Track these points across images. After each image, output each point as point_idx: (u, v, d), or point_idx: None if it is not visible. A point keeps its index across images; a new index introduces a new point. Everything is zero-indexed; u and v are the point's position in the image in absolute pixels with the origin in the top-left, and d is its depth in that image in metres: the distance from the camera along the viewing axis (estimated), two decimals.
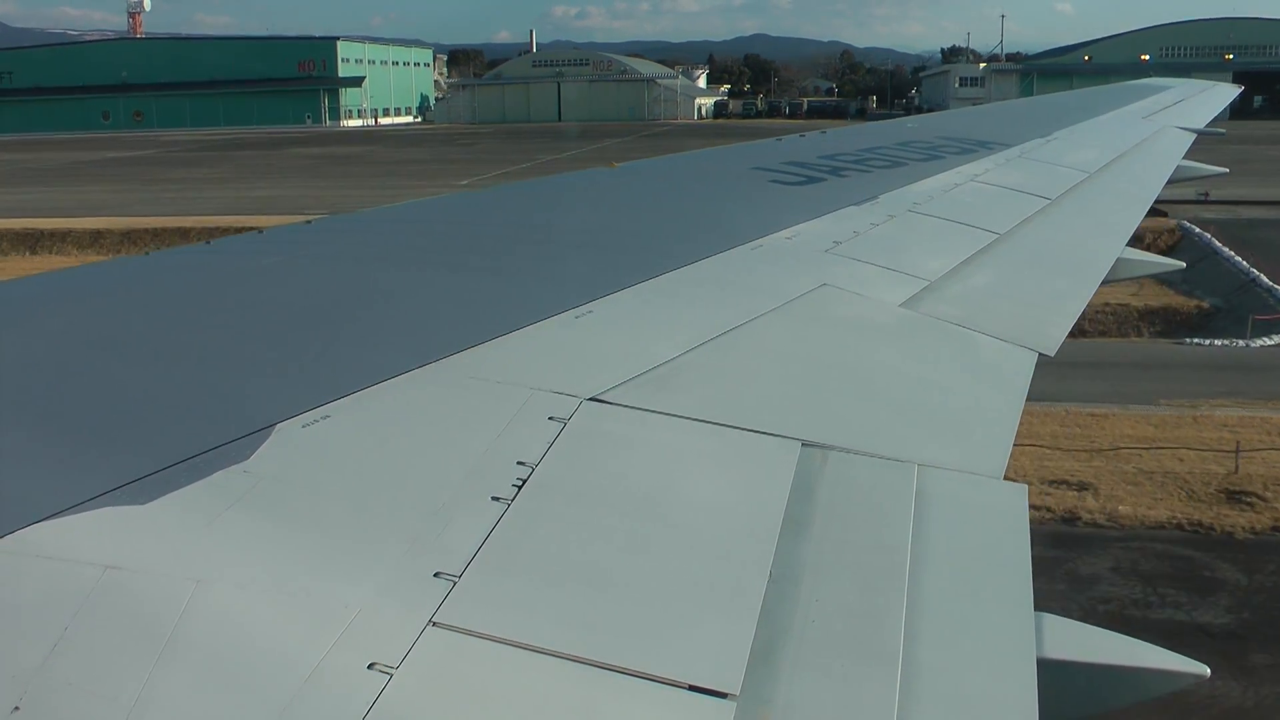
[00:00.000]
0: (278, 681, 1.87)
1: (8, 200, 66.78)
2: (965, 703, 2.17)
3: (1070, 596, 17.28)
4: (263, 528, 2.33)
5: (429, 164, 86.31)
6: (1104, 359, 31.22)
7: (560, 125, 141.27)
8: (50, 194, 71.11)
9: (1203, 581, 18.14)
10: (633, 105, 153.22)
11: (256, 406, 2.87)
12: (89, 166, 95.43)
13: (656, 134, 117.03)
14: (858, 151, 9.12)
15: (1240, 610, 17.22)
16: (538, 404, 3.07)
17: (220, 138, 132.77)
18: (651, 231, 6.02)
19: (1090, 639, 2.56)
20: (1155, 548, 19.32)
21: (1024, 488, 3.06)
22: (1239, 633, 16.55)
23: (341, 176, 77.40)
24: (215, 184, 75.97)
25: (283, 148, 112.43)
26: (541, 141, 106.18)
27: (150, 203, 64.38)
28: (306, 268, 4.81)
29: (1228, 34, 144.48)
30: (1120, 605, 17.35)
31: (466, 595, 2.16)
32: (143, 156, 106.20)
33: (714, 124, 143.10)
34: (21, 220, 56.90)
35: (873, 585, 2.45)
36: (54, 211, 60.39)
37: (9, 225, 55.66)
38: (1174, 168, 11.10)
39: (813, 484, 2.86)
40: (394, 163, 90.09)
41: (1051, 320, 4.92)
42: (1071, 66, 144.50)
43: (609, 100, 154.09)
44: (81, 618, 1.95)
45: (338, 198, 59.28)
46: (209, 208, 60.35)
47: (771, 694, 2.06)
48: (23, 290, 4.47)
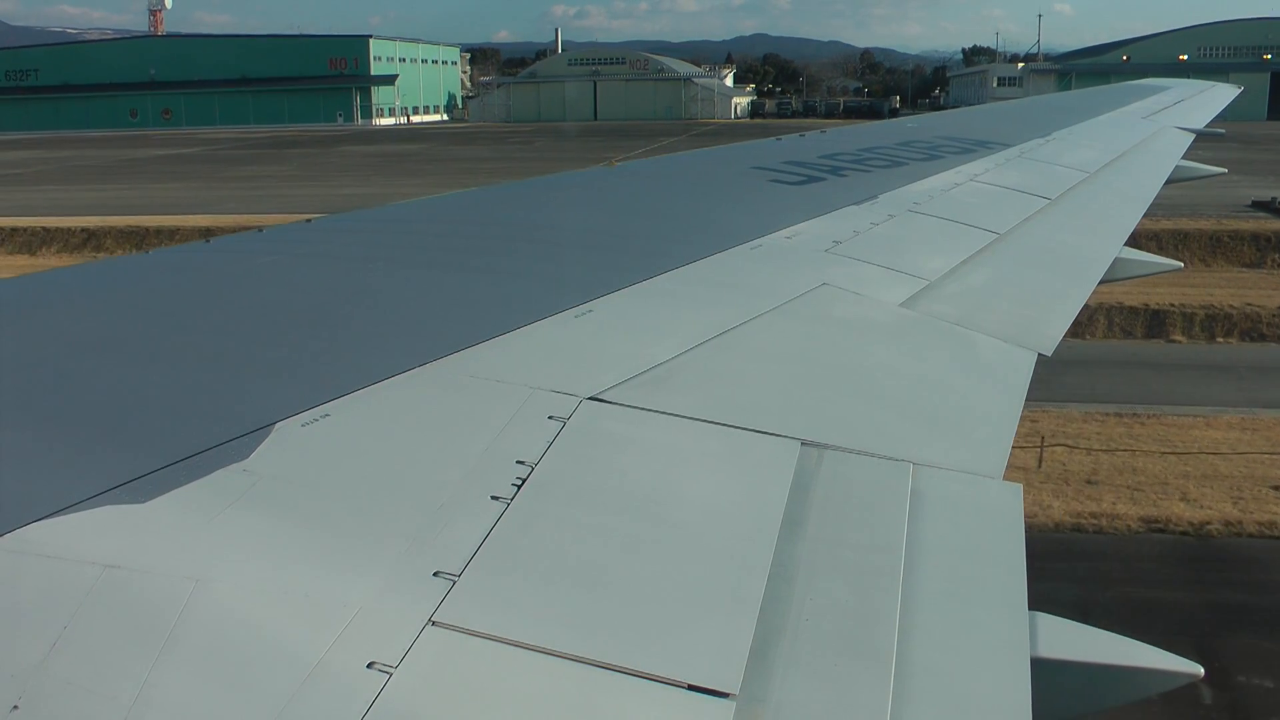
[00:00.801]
0: (277, 680, 1.87)
1: (86, 197, 65.00)
2: (959, 701, 2.16)
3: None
4: (262, 526, 2.32)
5: (498, 162, 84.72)
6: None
7: (602, 124, 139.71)
8: (121, 191, 69.15)
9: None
10: (670, 104, 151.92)
11: (256, 405, 2.87)
12: (145, 164, 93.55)
13: (705, 133, 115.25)
14: (857, 151, 9.09)
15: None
16: (537, 403, 3.07)
17: (262, 136, 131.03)
18: (651, 231, 6.00)
19: (1084, 638, 2.54)
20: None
21: (1018, 487, 3.05)
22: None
23: (416, 175, 75.61)
24: (295, 182, 74.16)
25: (332, 145, 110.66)
26: (601, 140, 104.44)
27: (241, 200, 62.65)
28: (306, 266, 4.79)
29: (1266, 34, 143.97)
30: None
31: (466, 594, 2.16)
32: (193, 154, 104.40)
33: (755, 123, 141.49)
34: (124, 218, 55.19)
35: (868, 584, 2.45)
36: (130, 209, 58.74)
37: (110, 222, 53.84)
38: (1173, 168, 11.05)
39: (812, 484, 2.86)
40: (463, 160, 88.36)
41: (1048, 320, 4.92)
42: (1110, 66, 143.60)
43: (645, 99, 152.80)
44: (81, 616, 1.96)
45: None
46: (308, 206, 58.93)
47: (765, 693, 2.05)
48: (23, 289, 4.46)
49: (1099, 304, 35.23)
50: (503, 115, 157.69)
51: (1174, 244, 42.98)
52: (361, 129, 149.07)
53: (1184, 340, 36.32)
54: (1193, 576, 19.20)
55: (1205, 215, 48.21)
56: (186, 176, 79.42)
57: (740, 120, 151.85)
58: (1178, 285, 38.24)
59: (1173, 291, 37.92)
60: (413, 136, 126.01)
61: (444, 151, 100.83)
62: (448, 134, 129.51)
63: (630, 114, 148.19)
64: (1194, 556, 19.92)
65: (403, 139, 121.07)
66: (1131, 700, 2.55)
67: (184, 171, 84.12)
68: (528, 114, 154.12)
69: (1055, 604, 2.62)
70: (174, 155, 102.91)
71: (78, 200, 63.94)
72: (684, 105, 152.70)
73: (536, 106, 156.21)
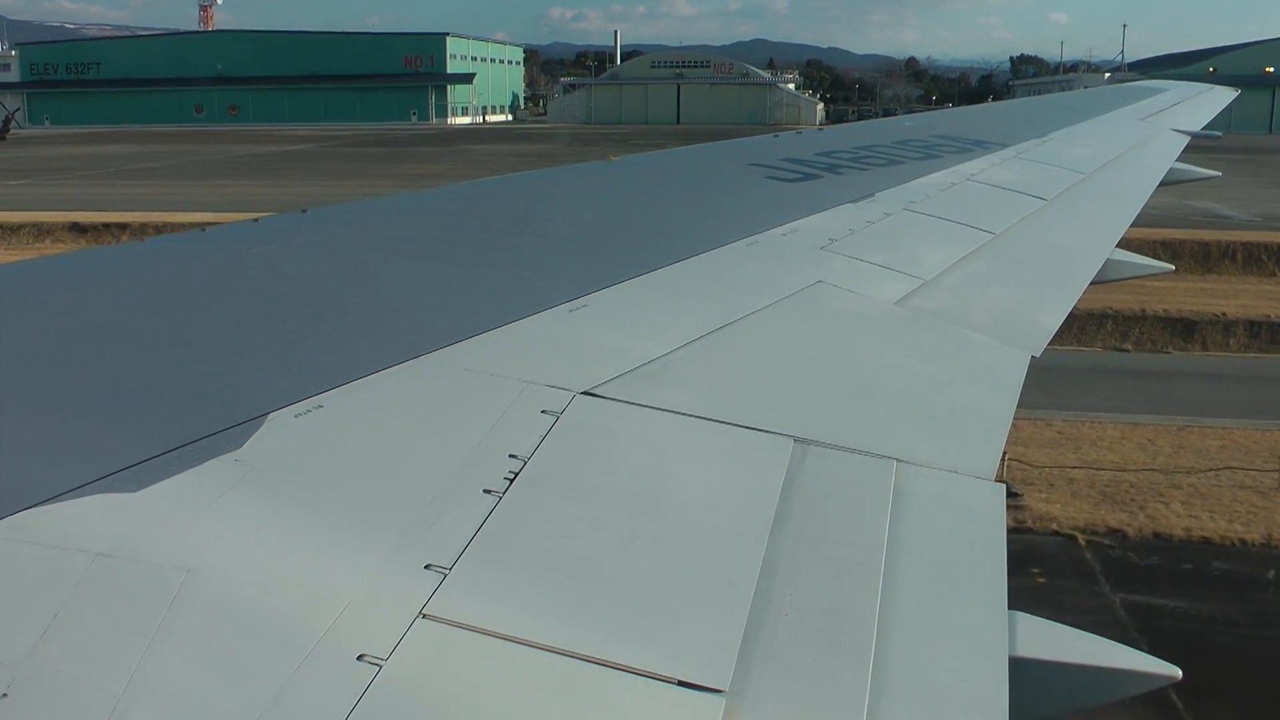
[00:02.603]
0: (268, 671, 1.86)
1: (280, 193, 62.15)
2: (936, 700, 2.16)
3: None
4: (254, 517, 2.32)
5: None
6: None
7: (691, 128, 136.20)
8: (304, 189, 66.31)
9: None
10: (754, 109, 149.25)
11: (249, 395, 2.86)
12: (272, 160, 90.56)
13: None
14: (855, 149, 9.06)
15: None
16: (531, 397, 3.06)
17: (357, 134, 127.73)
18: (647, 226, 5.99)
19: (1063, 639, 2.55)
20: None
21: (1001, 486, 3.04)
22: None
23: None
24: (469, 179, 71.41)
25: (451, 144, 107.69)
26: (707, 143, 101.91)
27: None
28: (301, 258, 4.73)
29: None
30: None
31: (457, 587, 2.16)
32: (307, 151, 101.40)
33: (842, 127, 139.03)
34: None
35: (850, 581, 2.45)
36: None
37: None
38: (1166, 170, 11.07)
39: (805, 481, 2.86)
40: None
41: (1037, 321, 4.91)
42: (1195, 77, 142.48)
43: (729, 103, 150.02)
44: (72, 605, 1.95)
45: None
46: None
47: (743, 688, 2.04)
48: (14, 276, 4.43)
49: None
50: (583, 116, 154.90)
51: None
52: (439, 128, 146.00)
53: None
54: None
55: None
56: (350, 175, 75.69)
57: (825, 126, 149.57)
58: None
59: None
60: (523, 137, 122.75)
61: (571, 154, 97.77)
62: (561, 136, 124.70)
63: (713, 118, 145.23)
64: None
65: (511, 139, 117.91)
66: (1108, 701, 2.55)
67: (342, 170, 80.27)
68: (608, 116, 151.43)
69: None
70: (290, 152, 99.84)
71: (274, 197, 60.59)
72: (768, 110, 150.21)
73: (618, 108, 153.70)
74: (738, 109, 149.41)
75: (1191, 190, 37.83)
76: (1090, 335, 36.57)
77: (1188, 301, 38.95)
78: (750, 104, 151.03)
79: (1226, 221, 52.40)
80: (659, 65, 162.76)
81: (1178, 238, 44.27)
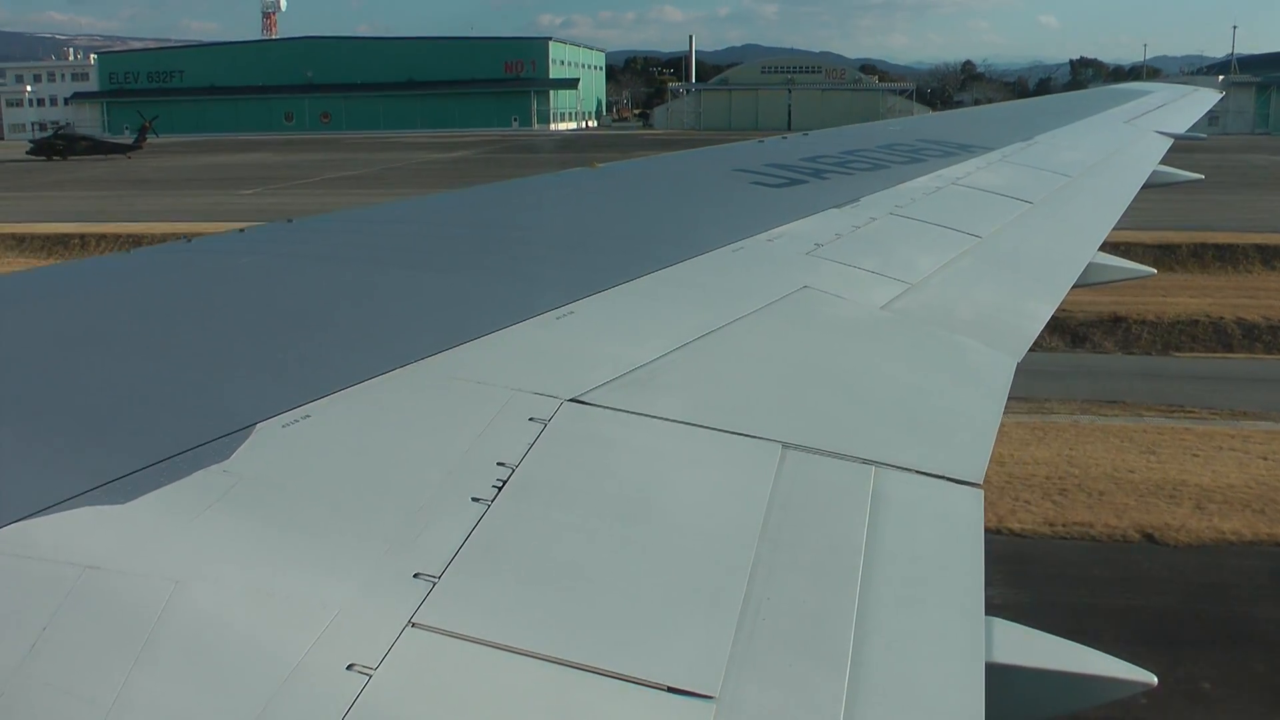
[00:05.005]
0: (257, 682, 1.87)
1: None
2: (913, 706, 2.16)
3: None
4: (242, 527, 2.31)
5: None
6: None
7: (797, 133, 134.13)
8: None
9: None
10: (865, 115, 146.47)
11: (237, 406, 2.85)
12: (466, 166, 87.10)
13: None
14: (840, 154, 9.06)
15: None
16: (518, 405, 3.05)
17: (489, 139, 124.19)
18: (633, 233, 5.98)
19: (1039, 645, 2.55)
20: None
21: (980, 491, 3.02)
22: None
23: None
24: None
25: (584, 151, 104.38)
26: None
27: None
28: (287, 267, 4.72)
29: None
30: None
31: (446, 596, 2.16)
32: (470, 158, 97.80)
33: (826, 132, 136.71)
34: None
35: (828, 586, 2.45)
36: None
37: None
38: (1149, 173, 11.07)
39: (792, 486, 2.85)
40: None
41: (1019, 325, 4.91)
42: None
43: (841, 110, 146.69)
44: (60, 618, 1.94)
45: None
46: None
47: (724, 693, 2.04)
48: (2, 288, 4.41)
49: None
50: (692, 122, 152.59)
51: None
52: (552, 134, 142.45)
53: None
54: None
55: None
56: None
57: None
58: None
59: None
60: (660, 143, 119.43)
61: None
62: (672, 139, 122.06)
63: (825, 124, 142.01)
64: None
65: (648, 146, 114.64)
66: (1085, 707, 2.55)
67: (551, 169, 76.92)
68: (718, 122, 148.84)
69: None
70: (460, 159, 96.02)
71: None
72: (881, 116, 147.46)
73: (728, 114, 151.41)
74: (849, 115, 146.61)
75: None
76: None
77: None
78: (862, 110, 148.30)
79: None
80: (769, 71, 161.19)
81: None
